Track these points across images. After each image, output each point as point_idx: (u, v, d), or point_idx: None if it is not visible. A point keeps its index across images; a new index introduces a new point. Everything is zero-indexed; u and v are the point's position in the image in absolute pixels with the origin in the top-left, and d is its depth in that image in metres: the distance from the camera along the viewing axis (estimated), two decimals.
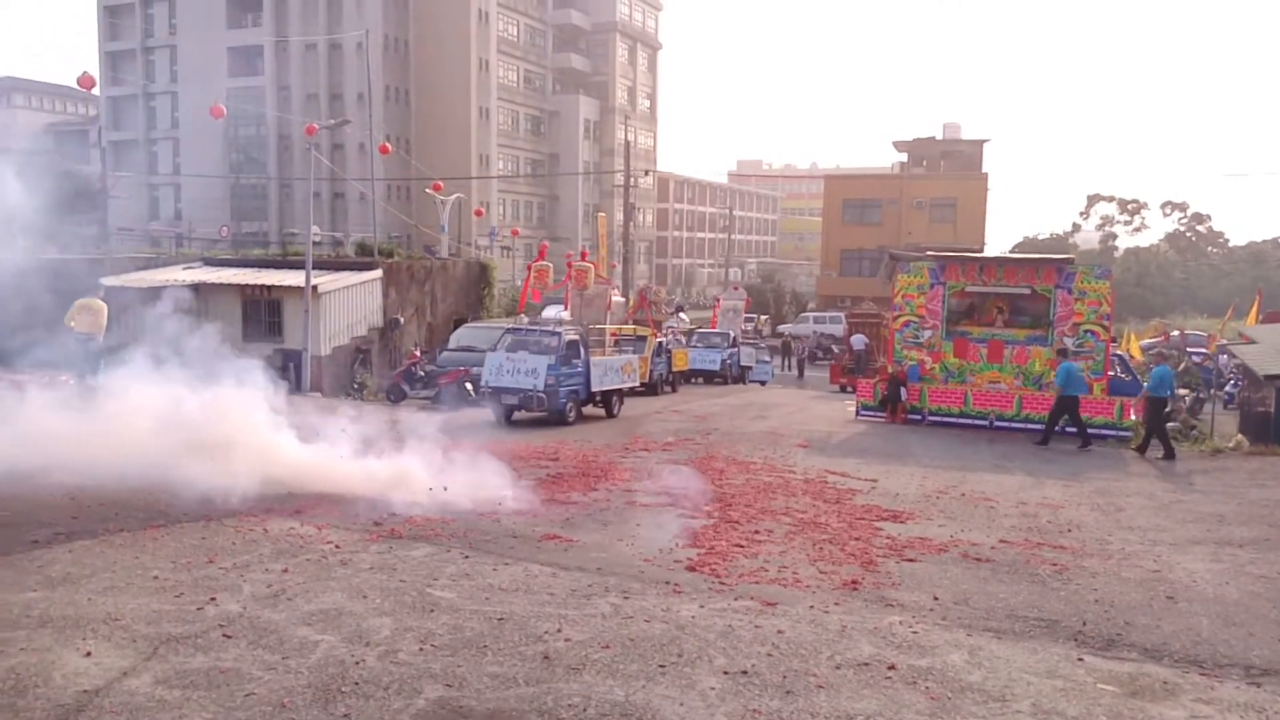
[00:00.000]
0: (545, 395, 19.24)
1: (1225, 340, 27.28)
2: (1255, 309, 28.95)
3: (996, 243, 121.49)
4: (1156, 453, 17.39)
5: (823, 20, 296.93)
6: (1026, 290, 21.26)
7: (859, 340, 34.87)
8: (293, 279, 26.02)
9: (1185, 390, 23.26)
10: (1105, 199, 78.01)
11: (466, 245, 50.91)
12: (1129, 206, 77.50)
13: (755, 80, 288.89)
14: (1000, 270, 21.67)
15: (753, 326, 48.83)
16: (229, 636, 6.28)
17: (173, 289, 23.55)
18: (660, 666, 6.07)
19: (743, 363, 35.57)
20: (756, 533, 9.96)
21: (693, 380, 33.00)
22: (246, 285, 26.99)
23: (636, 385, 23.69)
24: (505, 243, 62.47)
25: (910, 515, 11.32)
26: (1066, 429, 18.76)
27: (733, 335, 36.24)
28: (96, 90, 51.10)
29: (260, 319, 26.81)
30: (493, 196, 70.32)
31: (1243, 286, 54.46)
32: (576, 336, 20.67)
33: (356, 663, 5.93)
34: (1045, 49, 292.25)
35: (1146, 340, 35.05)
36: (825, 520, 10.75)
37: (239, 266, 29.67)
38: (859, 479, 13.76)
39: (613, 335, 23.58)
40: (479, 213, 55.73)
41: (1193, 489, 14.16)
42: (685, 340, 34.34)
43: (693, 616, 7.07)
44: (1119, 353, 24.54)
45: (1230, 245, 76.67)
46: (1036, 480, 14.44)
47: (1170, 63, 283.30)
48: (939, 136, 70.04)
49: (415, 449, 11.72)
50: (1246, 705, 5.91)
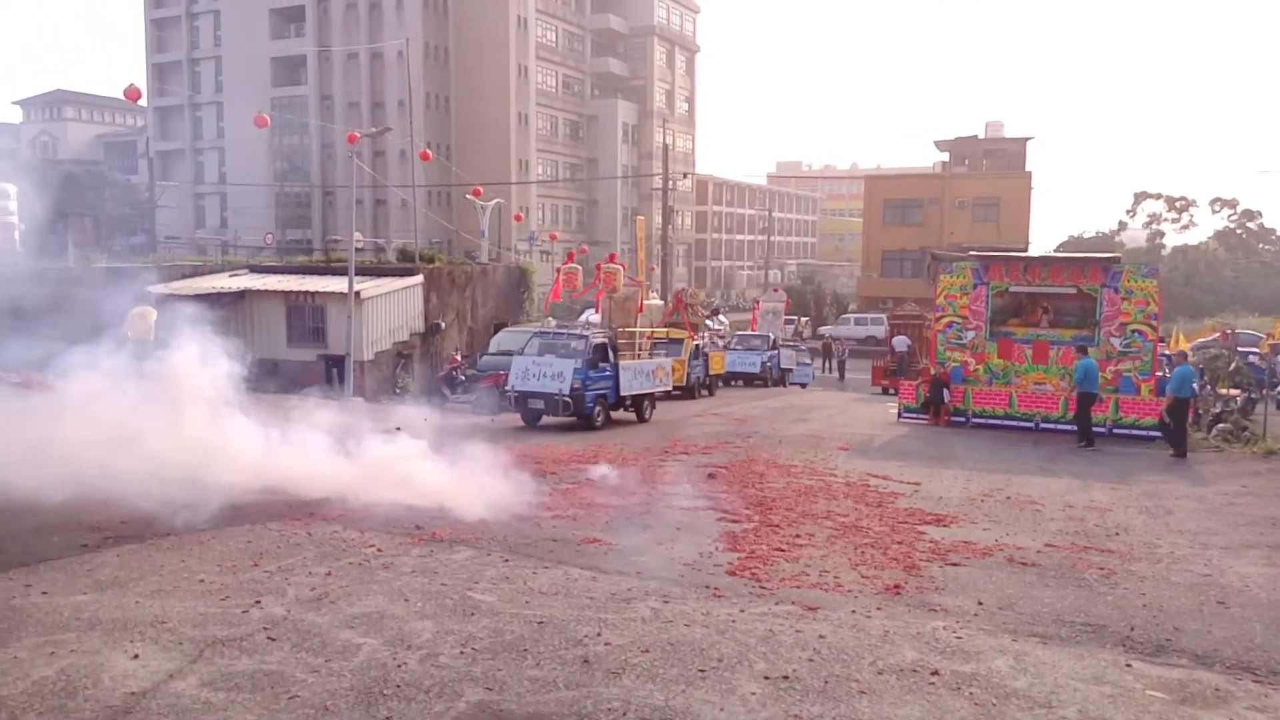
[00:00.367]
0: (571, 399, 18.99)
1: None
2: None
3: (1041, 242, 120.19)
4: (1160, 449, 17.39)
5: (862, 19, 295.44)
6: (1072, 290, 20.98)
7: (901, 342, 34.55)
8: (336, 285, 26.31)
9: (1237, 390, 22.85)
10: (1152, 196, 76.79)
11: (506, 250, 51.14)
12: (1177, 204, 76.24)
13: (794, 81, 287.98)
14: (1045, 270, 21.41)
15: (793, 329, 48.54)
16: (273, 639, 6.34)
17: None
18: (700, 671, 6.04)
19: (783, 365, 35.44)
20: (797, 537, 9.90)
21: (732, 383, 32.93)
22: (291, 292, 27.33)
23: (669, 389, 23.40)
24: (544, 247, 62.74)
25: (954, 519, 11.20)
26: (1114, 429, 18.56)
27: (772, 337, 36.11)
28: (143, 101, 51.92)
29: (305, 325, 27.16)
30: (532, 201, 70.62)
31: None
32: (605, 340, 20.45)
33: (398, 666, 5.97)
34: (1089, 44, 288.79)
35: (1202, 339, 34.41)
36: (867, 524, 10.66)
37: (284, 273, 30.05)
38: (901, 482, 13.65)
39: (648, 338, 23.52)
40: (518, 218, 56.04)
41: (1246, 491, 13.88)
42: (722, 343, 34.24)
43: (733, 621, 7.04)
44: (1167, 353, 24.17)
45: None
46: (1084, 483, 14.24)
47: (1219, 56, 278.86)
48: (981, 135, 69.29)
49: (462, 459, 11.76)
50: None
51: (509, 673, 5.92)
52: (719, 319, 50.83)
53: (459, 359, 25.95)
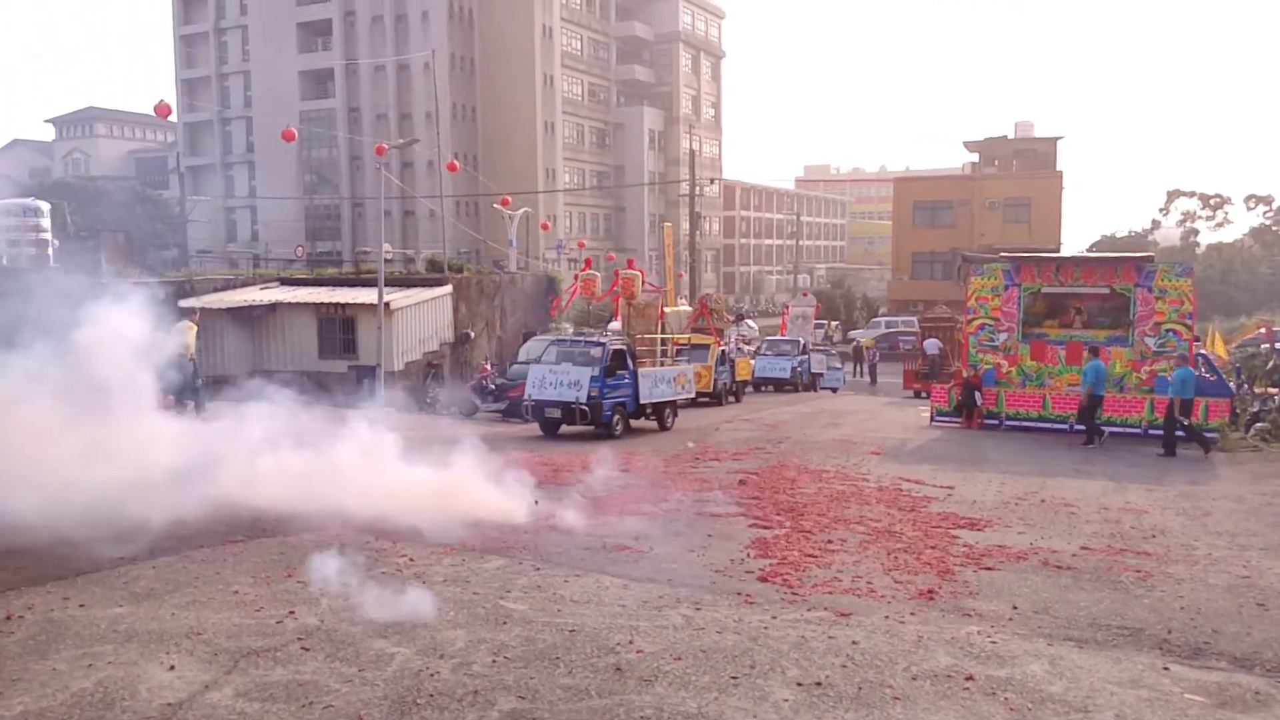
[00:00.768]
0: (589, 408, 18.67)
1: None
2: None
3: (1073, 242, 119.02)
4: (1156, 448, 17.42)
5: (889, 20, 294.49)
6: (1105, 290, 20.77)
7: (932, 345, 34.33)
8: (366, 296, 26.49)
9: (1276, 389, 22.56)
10: (1186, 194, 76.03)
11: (534, 259, 51.32)
12: (1211, 201, 75.43)
13: (820, 84, 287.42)
14: (1077, 270, 21.22)
15: (823, 333, 48.35)
16: (307, 649, 6.37)
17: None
18: (733, 678, 6.02)
19: (813, 370, 35.28)
20: (829, 542, 9.85)
21: (762, 389, 32.80)
22: (322, 304, 27.55)
23: (692, 396, 22.98)
24: (572, 255, 62.89)
25: (988, 522, 11.11)
26: (1150, 430, 18.42)
27: (802, 342, 35.97)
28: (174, 117, 52.50)
29: (335, 336, 27.36)
30: (559, 210, 70.83)
31: None
32: (623, 347, 20.12)
33: (431, 675, 5.98)
34: (1120, 42, 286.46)
35: (1247, 338, 33.94)
36: (900, 529, 10.60)
37: (314, 285, 30.31)
38: (934, 486, 13.55)
39: (674, 344, 23.39)
40: (546, 226, 56.22)
41: None
42: (749, 349, 34.10)
43: (765, 627, 7.01)
44: (1203, 352, 23.88)
45: None
46: (1119, 485, 14.09)
47: (1254, 52, 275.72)
48: (1011, 135, 68.88)
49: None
50: None
51: (541, 681, 5.92)
52: (747, 324, 50.73)
53: (488, 368, 26.04)
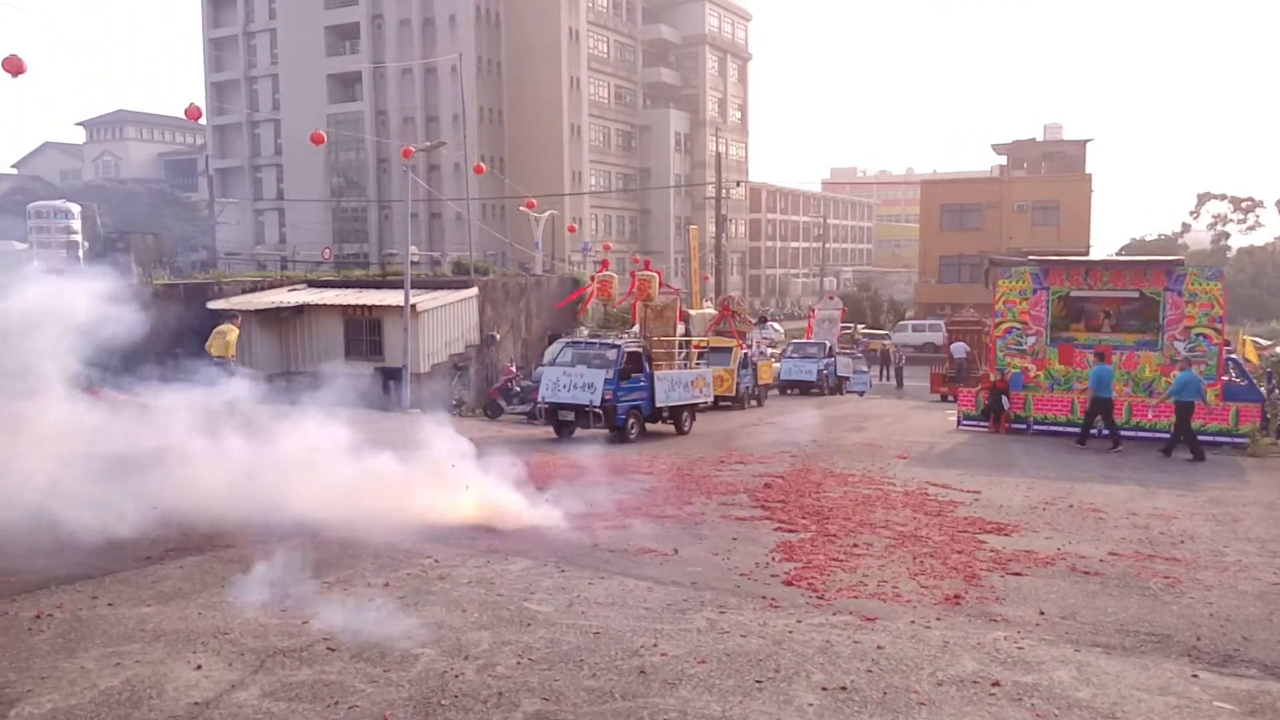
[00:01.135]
0: (603, 411, 18.33)
1: None
2: None
3: (1102, 245, 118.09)
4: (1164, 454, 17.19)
5: (917, 22, 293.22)
6: (1134, 293, 20.58)
7: (960, 348, 34.13)
8: (392, 298, 26.60)
9: None
10: (1217, 197, 75.35)
11: (560, 261, 51.45)
12: (1242, 204, 74.74)
13: (848, 86, 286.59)
14: (1106, 273, 21.04)
15: (850, 336, 48.09)
16: (332, 650, 6.41)
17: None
18: (757, 682, 6.01)
19: (839, 373, 35.04)
20: (855, 546, 9.81)
21: (788, 392, 32.66)
22: (348, 306, 27.68)
23: (709, 400, 22.52)
24: (598, 258, 62.93)
25: (1015, 527, 11.04)
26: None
27: (829, 345, 35.72)
28: (203, 120, 52.97)
29: (362, 338, 27.48)
30: (585, 212, 70.95)
31: None
32: (639, 349, 19.79)
33: (456, 676, 6.00)
34: (1150, 44, 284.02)
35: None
36: (926, 533, 10.54)
37: (341, 287, 30.45)
38: (961, 491, 13.47)
39: (695, 347, 23.27)
40: (572, 229, 56.33)
41: None
42: (771, 352, 33.93)
43: (790, 631, 6.99)
44: (1233, 356, 23.64)
45: None
46: (1148, 490, 13.96)
47: None
48: (1039, 138, 68.46)
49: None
50: None
51: (566, 683, 5.93)
52: (773, 327, 50.56)
53: (514, 370, 26.09)
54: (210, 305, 26.84)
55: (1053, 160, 63.74)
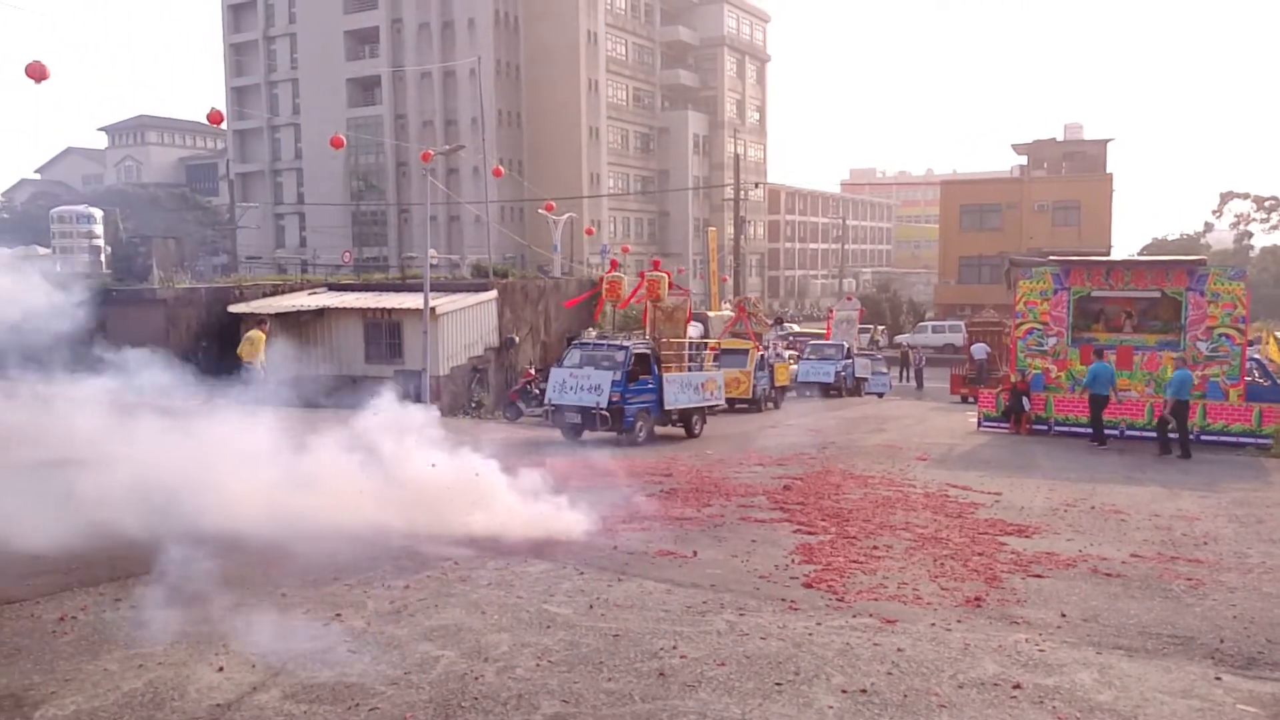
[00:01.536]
0: (609, 413, 18.04)
1: None
2: None
3: (1123, 245, 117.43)
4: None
5: (936, 22, 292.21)
6: (1156, 294, 20.47)
7: (980, 349, 33.96)
8: (412, 301, 26.70)
9: None
10: (1240, 196, 74.71)
11: (578, 264, 51.56)
12: (1266, 203, 74.09)
13: (867, 87, 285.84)
14: (1128, 273, 20.92)
15: (869, 338, 47.91)
16: (353, 652, 6.43)
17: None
18: (777, 684, 5.99)
19: (857, 374, 34.89)
20: (875, 548, 9.78)
21: (806, 394, 32.55)
22: (368, 309, 27.80)
23: (720, 403, 22.27)
24: (616, 260, 63.01)
25: (1036, 529, 10.97)
26: (1202, 436, 18.22)
27: (847, 346, 35.55)
28: (224, 125, 53.33)
29: (381, 341, 27.60)
30: (604, 214, 71.02)
31: None
32: (647, 350, 19.51)
33: (476, 678, 6.01)
34: (1171, 42, 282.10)
35: None
36: (947, 535, 10.49)
37: (361, 290, 30.59)
38: (982, 492, 13.41)
39: (711, 349, 23.16)
40: (590, 231, 56.39)
41: None
42: (788, 354, 33.79)
43: (810, 634, 6.97)
44: (1256, 356, 23.46)
45: None
46: (1171, 491, 13.86)
47: None
48: (1060, 138, 68.14)
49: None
50: None
51: (585, 685, 5.93)
52: (792, 328, 50.41)
53: (533, 373, 26.12)
54: (231, 309, 27.01)
55: (1073, 160, 63.41)
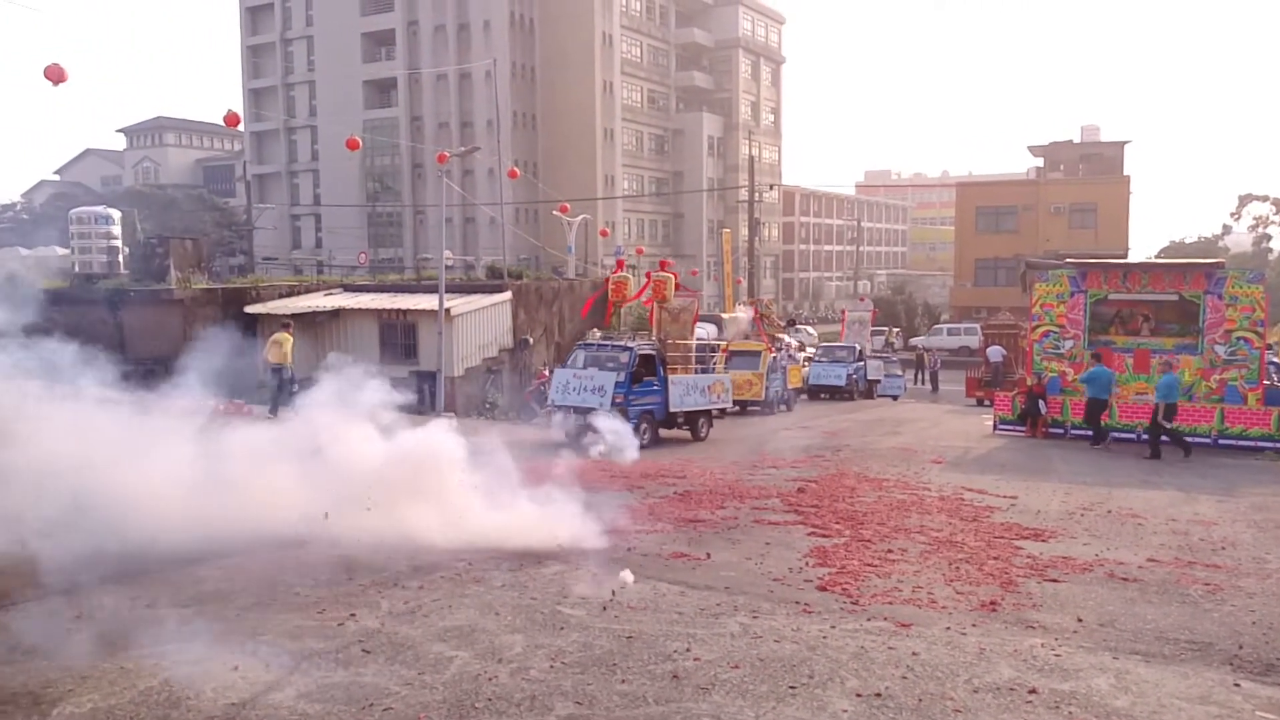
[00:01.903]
0: (612, 414, 17.36)
1: None
2: None
3: (1140, 248, 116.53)
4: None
5: (952, 23, 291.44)
6: (1174, 297, 20.36)
7: (996, 352, 33.77)
8: (427, 302, 26.73)
9: None
10: (1259, 198, 73.97)
11: (593, 265, 51.59)
12: None
13: (882, 89, 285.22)
14: (1145, 276, 20.81)
15: (884, 340, 47.64)
16: (368, 652, 6.45)
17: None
18: (791, 687, 5.98)
19: (870, 377, 34.60)
20: (890, 552, 9.75)
21: (820, 396, 32.37)
22: (383, 309, 27.85)
23: (726, 406, 21.87)
24: (631, 261, 63.05)
25: (1052, 533, 10.92)
26: (1220, 440, 18.12)
27: (858, 348, 35.23)
28: (241, 127, 53.56)
29: (396, 342, 27.64)
30: (618, 216, 71.01)
31: None
32: (652, 352, 19.29)
33: (489, 679, 6.02)
34: (1190, 43, 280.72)
35: None
36: (962, 539, 10.46)
37: (376, 291, 30.65)
38: (997, 496, 13.36)
39: (724, 351, 22.99)
40: (604, 233, 56.40)
41: None
42: (801, 356, 33.63)
43: (824, 637, 6.96)
44: (1275, 360, 23.31)
45: None
46: (1188, 496, 13.78)
47: None
48: (1076, 139, 67.81)
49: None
50: None
51: (598, 687, 5.93)
52: (807, 331, 50.26)
53: (546, 374, 26.12)
54: (248, 310, 27.11)
55: (1090, 162, 63.07)
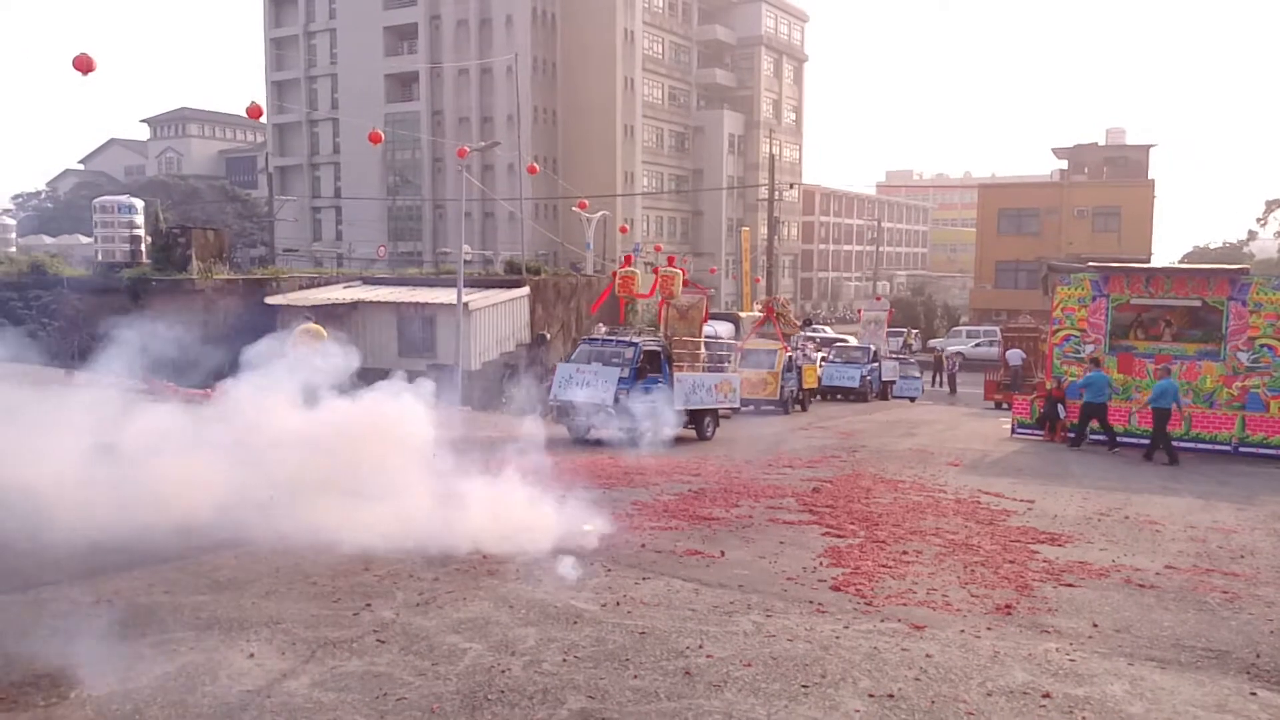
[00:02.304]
0: (614, 411, 17.43)
1: None
2: None
3: (1164, 253, 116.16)
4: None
5: (977, 23, 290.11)
6: (1197, 303, 20.22)
7: (1015, 355, 33.59)
8: (445, 296, 26.83)
9: None
10: None
11: (611, 262, 51.55)
12: None
13: (905, 88, 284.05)
14: (1168, 281, 20.68)
15: (901, 341, 47.40)
16: (382, 642, 6.48)
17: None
18: (803, 687, 5.98)
19: (884, 378, 34.34)
20: (904, 553, 9.72)
21: (835, 397, 32.14)
22: (402, 303, 27.95)
23: (735, 406, 21.46)
24: (649, 258, 63.02)
25: (1069, 538, 10.87)
26: (1240, 448, 18.00)
27: (873, 349, 34.87)
28: (264, 119, 53.80)
29: (415, 335, 27.75)
30: (637, 213, 70.98)
31: None
32: (657, 348, 18.97)
33: (502, 671, 6.04)
34: (1216, 47, 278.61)
35: None
36: (978, 542, 10.42)
37: (395, 285, 30.79)
38: (1014, 499, 13.30)
39: (738, 349, 22.87)
40: (623, 229, 56.44)
41: None
42: (819, 355, 33.48)
43: (837, 637, 6.95)
44: None
45: None
46: (1207, 503, 13.70)
47: None
48: (1101, 142, 67.43)
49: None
50: None
51: (611, 682, 5.94)
52: (825, 330, 50.04)
53: None
54: (268, 300, 27.26)
55: (1114, 165, 62.70)
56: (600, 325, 22.52)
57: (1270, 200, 75.04)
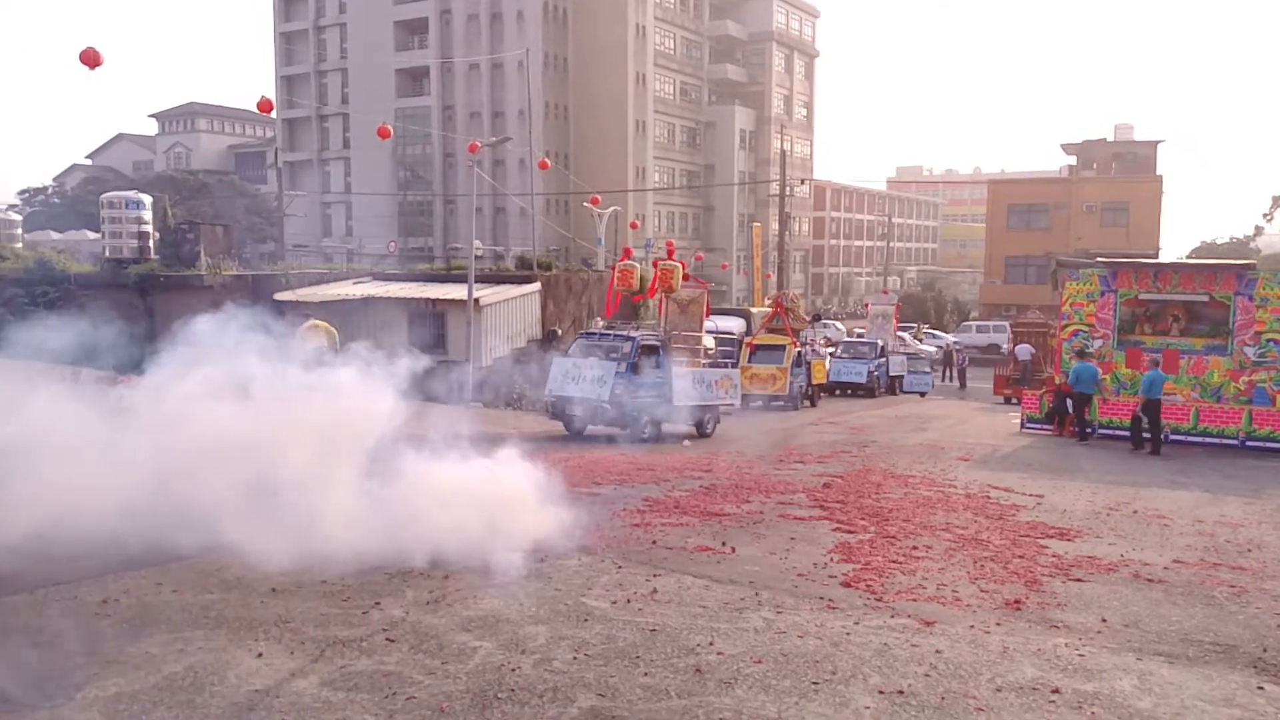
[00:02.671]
0: (611, 407, 17.23)
1: None
2: None
3: (1172, 248, 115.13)
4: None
5: (986, 19, 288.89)
6: (1204, 297, 20.17)
7: (1024, 350, 33.50)
8: (456, 292, 26.84)
9: None
10: None
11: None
12: None
13: (916, 84, 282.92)
14: (1176, 276, 20.62)
15: (910, 335, 47.27)
16: (392, 640, 6.50)
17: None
18: (814, 683, 5.99)
19: (892, 373, 34.22)
20: (915, 549, 9.72)
21: (846, 392, 32.07)
22: (412, 298, 27.97)
23: (734, 403, 20.92)
24: (660, 254, 62.97)
25: (1078, 533, 10.86)
26: (1247, 442, 17.93)
27: (880, 344, 34.67)
28: (273, 113, 53.88)
29: (425, 331, 27.76)
30: (648, 209, 70.95)
31: None
32: (656, 343, 18.69)
33: (512, 669, 6.05)
34: (1224, 42, 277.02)
35: None
36: (987, 537, 10.41)
37: (405, 280, 30.81)
38: (1024, 494, 13.29)
39: (749, 345, 22.78)
40: (635, 225, 56.39)
41: None
42: (828, 351, 33.40)
43: (847, 633, 6.95)
44: None
45: None
46: (1215, 497, 13.66)
47: None
48: (1110, 138, 67.19)
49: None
50: None
51: (621, 679, 5.95)
52: (835, 326, 49.94)
53: None
54: (278, 297, 27.31)
55: (1123, 161, 62.53)
56: (598, 319, 22.32)
57: (1277, 196, 74.50)
